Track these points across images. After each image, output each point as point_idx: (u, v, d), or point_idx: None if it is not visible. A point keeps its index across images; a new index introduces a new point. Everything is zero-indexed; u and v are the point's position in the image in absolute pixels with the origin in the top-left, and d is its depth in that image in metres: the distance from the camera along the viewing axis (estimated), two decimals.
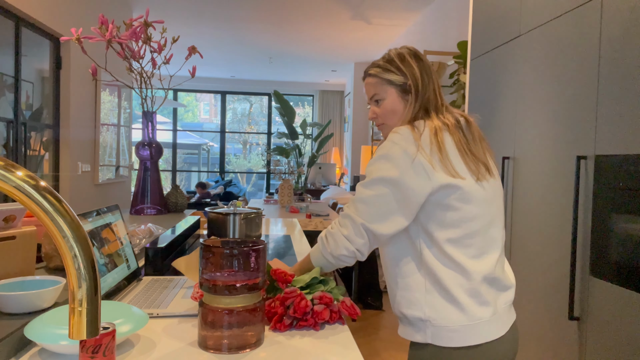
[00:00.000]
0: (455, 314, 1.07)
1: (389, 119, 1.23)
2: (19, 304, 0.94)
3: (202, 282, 0.89)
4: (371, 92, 1.25)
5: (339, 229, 1.10)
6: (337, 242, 1.09)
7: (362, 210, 1.08)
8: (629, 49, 1.44)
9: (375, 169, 1.08)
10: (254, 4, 5.27)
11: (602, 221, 1.53)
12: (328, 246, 1.11)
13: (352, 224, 1.08)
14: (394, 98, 1.22)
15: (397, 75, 1.21)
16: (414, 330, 1.11)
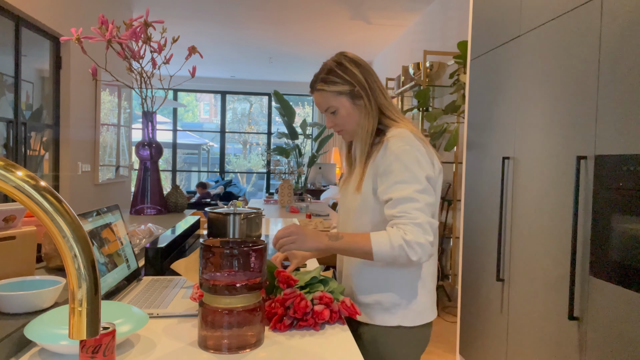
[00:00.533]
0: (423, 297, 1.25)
1: (347, 125, 1.31)
2: (19, 304, 0.94)
3: (202, 282, 0.89)
4: (323, 105, 1.31)
5: (426, 238, 1.11)
6: (424, 251, 1.11)
7: (430, 213, 1.16)
8: (629, 49, 1.44)
9: (416, 174, 1.16)
10: (254, 4, 5.27)
11: (602, 221, 1.53)
12: (415, 254, 1.10)
13: (432, 230, 1.13)
14: (347, 106, 1.29)
15: (343, 85, 1.28)
16: (388, 314, 1.23)
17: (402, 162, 1.16)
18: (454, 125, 3.93)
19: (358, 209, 1.26)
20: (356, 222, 1.28)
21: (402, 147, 1.18)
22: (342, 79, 1.29)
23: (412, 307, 1.23)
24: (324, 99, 1.30)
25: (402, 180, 1.15)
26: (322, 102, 1.31)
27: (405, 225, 1.11)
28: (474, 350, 2.41)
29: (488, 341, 2.28)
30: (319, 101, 1.32)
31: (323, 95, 1.30)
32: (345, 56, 1.32)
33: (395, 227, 1.12)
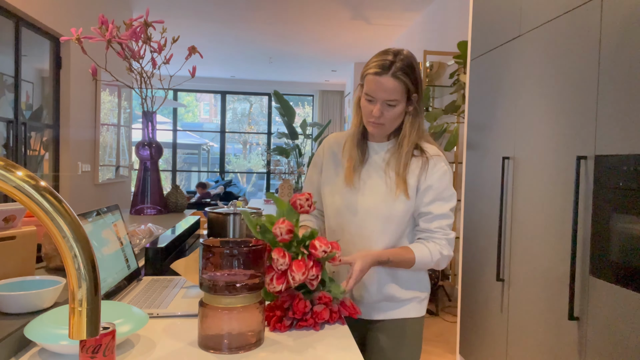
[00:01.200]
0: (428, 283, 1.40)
1: (391, 123, 1.29)
2: (19, 304, 0.94)
3: (202, 282, 0.89)
4: (390, 93, 1.23)
5: (451, 251, 1.29)
6: (448, 261, 1.30)
7: None
8: (629, 49, 1.43)
9: (452, 194, 1.30)
10: (254, 4, 5.27)
11: (602, 221, 1.53)
12: (444, 265, 1.30)
13: None
14: (402, 107, 1.27)
15: (412, 84, 1.24)
16: (414, 307, 1.35)
17: (444, 181, 1.28)
18: (454, 125, 3.93)
19: (402, 215, 1.29)
20: (397, 227, 1.30)
21: (445, 168, 1.30)
22: (415, 80, 1.25)
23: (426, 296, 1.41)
24: (396, 89, 1.22)
25: (442, 198, 1.27)
26: (390, 90, 1.22)
27: (440, 240, 1.27)
28: (474, 350, 2.41)
29: (488, 341, 2.28)
30: (387, 88, 1.22)
31: (397, 85, 1.22)
32: (415, 58, 1.29)
33: (432, 242, 1.26)
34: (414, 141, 1.30)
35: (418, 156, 1.31)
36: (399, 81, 1.22)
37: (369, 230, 1.30)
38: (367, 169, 1.34)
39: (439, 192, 1.27)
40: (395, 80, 1.22)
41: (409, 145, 1.29)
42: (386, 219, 1.29)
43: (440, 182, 1.28)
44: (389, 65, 1.22)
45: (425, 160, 1.30)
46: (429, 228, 1.28)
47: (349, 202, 1.34)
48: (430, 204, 1.27)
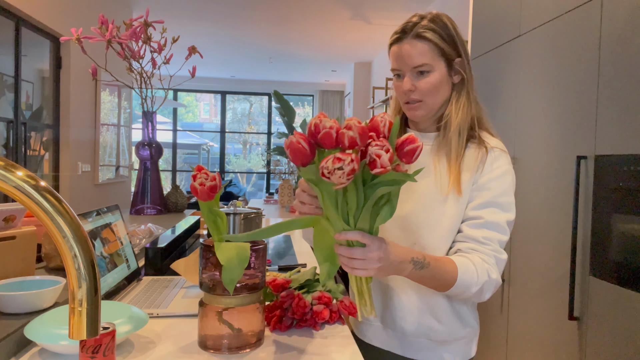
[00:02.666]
0: (476, 321, 1.11)
1: (430, 97, 1.02)
2: (19, 304, 0.94)
3: (202, 282, 0.89)
4: (419, 59, 0.99)
5: (498, 276, 0.98)
6: (491, 292, 0.98)
7: None
8: (629, 49, 1.43)
9: (512, 203, 1.01)
10: (254, 4, 5.27)
11: (602, 221, 1.53)
12: (489, 294, 0.97)
13: None
14: (442, 73, 1.01)
15: (450, 47, 1.01)
16: (460, 349, 1.07)
17: (505, 184, 1.00)
18: None
19: (454, 220, 1.00)
20: (446, 238, 1.01)
21: (508, 167, 1.01)
22: (451, 38, 1.01)
23: (476, 334, 1.11)
24: (421, 51, 0.99)
25: (498, 204, 0.98)
26: (416, 54, 0.99)
27: (490, 258, 0.95)
28: None
29: (488, 341, 2.28)
30: (410, 52, 0.99)
31: (422, 46, 0.99)
32: (451, 19, 1.05)
33: (480, 258, 0.94)
34: (465, 121, 1.02)
35: (475, 146, 1.03)
36: (425, 41, 0.99)
37: (415, 244, 1.03)
38: (410, 167, 1.12)
39: (496, 195, 0.98)
40: (419, 41, 0.99)
41: (458, 125, 1.02)
42: (431, 228, 1.01)
43: (499, 183, 0.99)
44: (412, 26, 1.01)
45: (484, 152, 1.02)
46: (474, 237, 0.96)
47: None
48: (482, 207, 0.98)
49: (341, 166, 0.72)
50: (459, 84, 1.05)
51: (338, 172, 0.72)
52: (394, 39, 1.03)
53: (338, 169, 0.72)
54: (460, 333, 1.06)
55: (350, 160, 0.72)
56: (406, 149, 0.78)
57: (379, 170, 0.74)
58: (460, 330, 1.06)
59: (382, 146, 0.74)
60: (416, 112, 1.05)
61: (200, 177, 0.83)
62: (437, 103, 1.04)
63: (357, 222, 0.80)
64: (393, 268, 0.85)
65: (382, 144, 0.74)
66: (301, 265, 1.59)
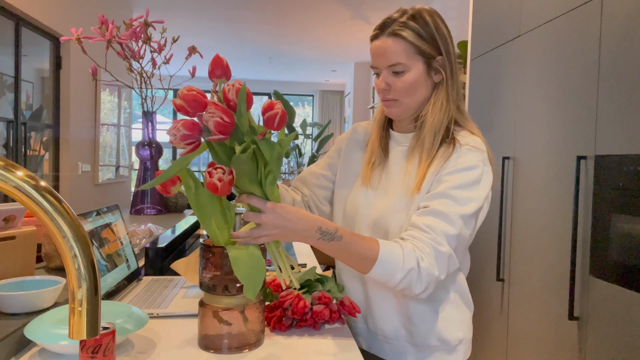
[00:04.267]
0: (469, 323, 1.10)
1: (406, 96, 0.99)
2: (19, 304, 0.94)
3: (202, 282, 0.89)
4: (390, 57, 0.97)
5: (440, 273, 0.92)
6: (429, 288, 0.92)
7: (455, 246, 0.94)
8: (629, 49, 1.43)
9: (471, 197, 0.93)
10: (254, 3, 5.27)
11: (602, 221, 1.53)
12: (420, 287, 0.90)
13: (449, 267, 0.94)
14: (419, 72, 0.98)
15: (427, 44, 0.98)
16: (447, 355, 1.04)
17: (466, 178, 0.93)
18: None
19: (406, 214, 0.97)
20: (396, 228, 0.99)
21: (475, 162, 0.95)
22: (430, 36, 0.98)
23: (468, 337, 1.08)
24: (396, 50, 0.96)
25: (451, 196, 0.92)
26: (390, 54, 0.97)
27: (425, 246, 0.88)
28: (474, 350, 2.41)
29: (488, 341, 2.28)
30: (385, 50, 0.97)
31: (397, 44, 0.96)
32: (437, 13, 1.02)
33: (412, 244, 0.89)
34: (441, 121, 0.98)
35: (446, 145, 0.99)
36: (400, 39, 0.96)
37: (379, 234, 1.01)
38: (387, 167, 1.06)
39: (451, 187, 0.92)
40: (395, 39, 0.97)
41: (433, 126, 0.98)
42: (400, 231, 0.97)
43: (457, 177, 0.93)
44: (390, 23, 0.98)
45: (452, 149, 0.98)
46: (416, 223, 0.91)
47: (362, 209, 1.05)
48: (433, 198, 0.93)
49: (174, 132, 0.80)
50: (439, 83, 1.01)
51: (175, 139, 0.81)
52: (372, 35, 1.01)
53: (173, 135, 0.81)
54: (442, 339, 1.03)
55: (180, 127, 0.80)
56: (266, 116, 0.81)
57: (215, 138, 0.78)
58: (441, 335, 1.03)
59: (213, 114, 0.77)
60: (391, 110, 1.03)
61: (217, 173, 0.82)
62: (413, 102, 1.01)
63: (239, 187, 0.85)
64: (295, 235, 0.86)
65: (213, 111, 0.77)
66: (301, 265, 1.59)
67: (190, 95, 0.79)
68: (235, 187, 0.85)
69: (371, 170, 1.06)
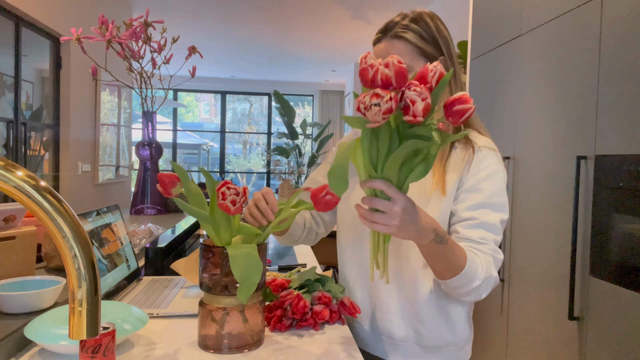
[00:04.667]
0: (472, 323, 1.10)
1: None
2: (19, 304, 0.94)
3: (202, 282, 0.89)
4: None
5: (497, 275, 0.95)
6: (489, 290, 0.94)
7: None
8: (629, 49, 1.43)
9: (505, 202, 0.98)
10: (254, 3, 5.27)
11: (602, 221, 1.53)
12: (487, 292, 0.93)
13: None
14: None
15: (430, 46, 0.99)
16: (451, 355, 1.05)
17: (497, 184, 0.97)
18: None
19: (437, 217, 0.97)
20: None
21: (498, 165, 0.99)
22: (432, 37, 0.99)
23: (470, 337, 1.10)
24: (399, 51, 0.98)
25: (490, 205, 0.95)
26: (395, 54, 0.96)
27: (488, 257, 0.92)
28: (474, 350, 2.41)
29: (488, 341, 2.28)
30: (389, 52, 0.98)
31: (400, 46, 0.98)
32: (437, 16, 1.03)
33: (483, 254, 0.92)
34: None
35: (462, 147, 1.01)
36: (403, 41, 0.98)
37: (397, 248, 1.01)
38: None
39: (489, 196, 0.96)
40: (398, 41, 0.98)
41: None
42: None
43: (490, 184, 0.97)
44: (392, 26, 1.00)
45: (471, 152, 0.99)
46: (471, 237, 0.94)
47: None
48: (476, 208, 0.95)
49: (378, 103, 0.66)
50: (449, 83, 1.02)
51: (374, 109, 0.67)
52: (375, 38, 1.03)
53: (375, 105, 0.67)
54: (451, 339, 1.04)
55: (389, 99, 0.66)
56: (455, 109, 0.71)
57: (409, 118, 0.68)
58: (450, 336, 1.03)
59: (420, 93, 0.68)
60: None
61: (230, 195, 0.81)
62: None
63: (384, 171, 0.74)
64: (415, 231, 0.80)
65: (421, 91, 0.68)
66: (301, 265, 1.59)
67: (402, 67, 0.69)
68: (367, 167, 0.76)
69: None
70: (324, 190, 0.83)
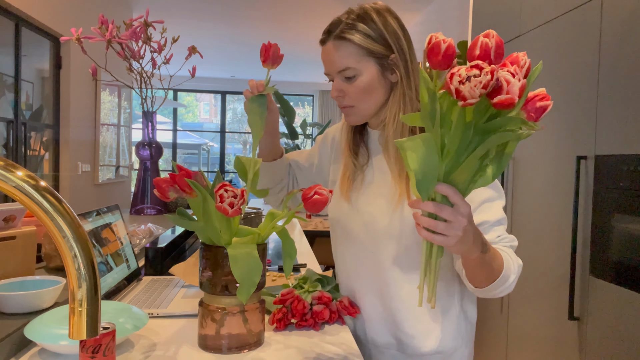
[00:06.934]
0: (471, 331, 1.06)
1: (362, 101, 0.94)
2: (19, 304, 0.94)
3: (202, 282, 0.89)
4: (339, 63, 0.92)
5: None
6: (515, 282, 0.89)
7: None
8: (629, 49, 1.43)
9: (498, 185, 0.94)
10: (254, 3, 5.27)
11: (602, 221, 1.53)
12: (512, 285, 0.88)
13: None
14: (372, 74, 0.92)
15: (377, 44, 0.92)
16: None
17: None
18: None
19: (411, 231, 0.93)
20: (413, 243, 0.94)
21: None
22: (379, 35, 0.91)
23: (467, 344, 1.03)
24: (344, 54, 0.92)
25: (489, 198, 0.90)
26: (339, 58, 0.92)
27: (510, 249, 0.88)
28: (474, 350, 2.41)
29: (488, 341, 2.28)
30: (332, 55, 0.93)
31: (344, 48, 0.91)
32: (388, 9, 0.94)
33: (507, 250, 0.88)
34: (402, 125, 0.93)
35: None
36: (345, 42, 0.91)
37: (373, 253, 0.98)
38: (371, 169, 1.01)
39: (483, 191, 0.90)
40: (342, 43, 0.91)
41: (394, 128, 0.93)
42: (393, 237, 0.94)
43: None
44: (336, 26, 0.93)
45: None
46: (489, 240, 0.88)
47: (343, 216, 1.02)
48: (479, 210, 0.90)
49: (478, 74, 0.58)
50: (396, 83, 0.94)
51: (474, 81, 0.57)
52: (320, 39, 0.96)
53: (474, 76, 0.58)
54: (435, 347, 0.98)
55: (490, 71, 0.58)
56: (538, 105, 0.62)
57: (503, 98, 0.58)
58: (434, 344, 0.98)
59: (515, 73, 0.59)
60: (349, 118, 0.98)
61: (228, 197, 0.80)
62: (371, 107, 0.95)
63: (453, 174, 0.66)
64: (471, 243, 0.72)
65: (516, 71, 0.59)
66: (301, 265, 1.59)
67: (501, 41, 0.61)
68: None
69: (348, 179, 1.02)
70: (313, 190, 0.83)
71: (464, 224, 0.67)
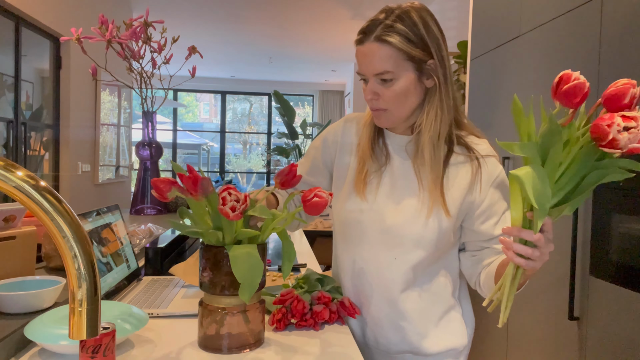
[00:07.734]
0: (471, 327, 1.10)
1: (397, 106, 0.92)
2: (19, 304, 0.94)
3: (202, 282, 0.89)
4: (380, 66, 0.89)
5: None
6: None
7: None
8: (629, 49, 1.44)
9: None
10: (254, 3, 5.27)
11: (602, 221, 1.53)
12: None
13: None
14: (410, 79, 0.90)
15: (418, 50, 0.89)
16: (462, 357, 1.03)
17: (506, 189, 0.96)
18: None
19: (435, 239, 0.95)
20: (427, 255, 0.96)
21: (500, 168, 0.97)
22: (420, 39, 0.88)
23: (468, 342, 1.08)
24: (383, 57, 0.88)
25: (508, 207, 0.95)
26: (377, 61, 0.88)
27: None
28: (473, 351, 2.41)
29: (488, 341, 2.28)
30: (370, 57, 0.89)
31: (383, 51, 0.88)
32: (427, 10, 0.92)
33: None
34: (441, 130, 0.92)
35: (463, 158, 0.96)
36: (385, 44, 0.87)
37: (387, 257, 0.99)
38: (389, 172, 1.00)
39: (503, 203, 0.95)
40: (381, 45, 0.88)
41: (431, 135, 0.92)
42: (417, 243, 0.95)
43: (500, 193, 0.95)
44: (375, 26, 0.89)
45: (476, 166, 0.95)
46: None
47: (359, 216, 1.00)
48: (502, 220, 0.95)
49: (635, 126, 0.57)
50: (432, 88, 0.93)
51: (633, 132, 0.57)
52: (356, 39, 0.93)
53: (634, 127, 0.57)
54: (448, 346, 1.03)
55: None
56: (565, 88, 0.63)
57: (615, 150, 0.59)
58: (451, 342, 1.03)
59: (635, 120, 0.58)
60: (381, 120, 0.96)
61: (230, 201, 0.80)
62: (405, 111, 0.94)
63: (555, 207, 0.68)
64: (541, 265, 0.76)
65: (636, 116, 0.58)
66: (301, 265, 1.59)
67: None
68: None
69: (364, 179, 1.00)
70: (312, 193, 0.83)
71: (549, 251, 0.72)
